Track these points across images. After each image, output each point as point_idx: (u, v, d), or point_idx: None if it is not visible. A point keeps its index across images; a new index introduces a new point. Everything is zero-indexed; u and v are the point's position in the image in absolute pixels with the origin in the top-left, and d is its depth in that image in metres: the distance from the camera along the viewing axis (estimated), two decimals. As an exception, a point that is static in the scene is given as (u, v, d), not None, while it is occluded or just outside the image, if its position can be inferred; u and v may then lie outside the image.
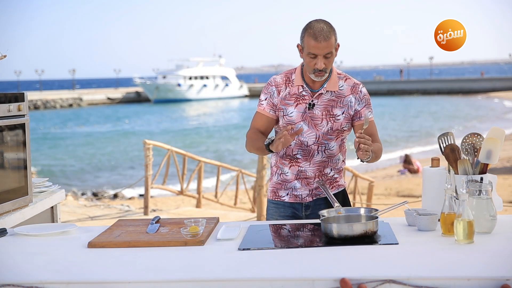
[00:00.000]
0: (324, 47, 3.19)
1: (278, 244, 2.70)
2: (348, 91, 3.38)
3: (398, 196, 14.00)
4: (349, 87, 3.39)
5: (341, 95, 3.36)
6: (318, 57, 3.22)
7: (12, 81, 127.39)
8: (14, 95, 3.52)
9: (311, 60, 3.24)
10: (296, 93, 3.36)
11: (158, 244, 2.72)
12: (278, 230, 2.97)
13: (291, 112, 3.35)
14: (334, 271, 2.26)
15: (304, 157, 3.37)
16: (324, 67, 3.24)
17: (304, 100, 3.35)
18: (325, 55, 3.21)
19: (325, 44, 3.19)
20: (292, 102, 3.36)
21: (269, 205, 3.52)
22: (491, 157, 2.86)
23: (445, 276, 2.17)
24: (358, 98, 3.38)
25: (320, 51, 3.20)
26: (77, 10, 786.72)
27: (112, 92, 71.33)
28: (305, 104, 3.34)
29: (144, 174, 10.83)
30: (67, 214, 9.71)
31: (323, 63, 3.23)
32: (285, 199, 3.45)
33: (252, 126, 3.47)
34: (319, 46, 3.19)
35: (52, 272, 2.36)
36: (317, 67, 3.23)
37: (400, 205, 3.05)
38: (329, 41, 3.19)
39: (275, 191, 3.48)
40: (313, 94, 3.35)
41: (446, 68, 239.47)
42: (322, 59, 3.22)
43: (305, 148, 3.36)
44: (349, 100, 3.37)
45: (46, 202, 3.79)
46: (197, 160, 11.64)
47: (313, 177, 3.39)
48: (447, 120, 40.91)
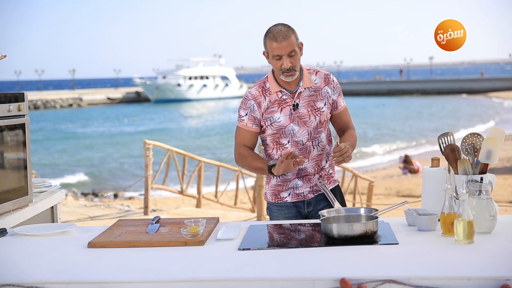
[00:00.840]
0: (285, 46, 3.31)
1: (278, 244, 2.70)
2: (322, 83, 3.49)
3: (398, 196, 14.00)
4: (322, 79, 3.50)
5: (317, 88, 3.48)
6: (282, 57, 3.33)
7: (12, 81, 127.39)
8: (14, 95, 3.52)
9: (277, 62, 3.36)
10: (277, 99, 3.44)
11: (158, 244, 2.72)
12: (278, 230, 2.97)
13: (278, 118, 3.42)
14: (334, 271, 2.26)
15: (303, 155, 3.44)
16: (290, 65, 3.34)
17: (286, 103, 3.43)
18: (289, 53, 3.33)
19: (286, 43, 3.30)
20: (276, 108, 3.43)
21: (272, 208, 3.54)
22: (491, 157, 2.86)
23: (445, 276, 2.18)
24: (333, 88, 3.51)
25: (283, 50, 3.31)
26: (77, 10, 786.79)
27: (112, 92, 71.34)
28: (289, 107, 3.43)
29: (144, 174, 10.83)
30: (67, 214, 9.71)
31: (289, 62, 3.34)
32: (287, 200, 3.48)
33: (238, 143, 3.53)
34: (280, 47, 3.31)
35: (52, 272, 2.36)
36: (284, 67, 3.34)
37: (400, 205, 3.06)
38: (289, 40, 3.31)
39: (276, 193, 3.51)
40: (293, 95, 3.44)
41: (446, 68, 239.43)
42: (287, 58, 3.33)
43: (302, 147, 3.44)
44: (326, 91, 3.48)
45: (46, 202, 3.79)
46: (197, 160, 11.64)
47: (313, 173, 3.47)
48: (447, 120, 40.91)
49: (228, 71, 73.73)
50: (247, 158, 3.48)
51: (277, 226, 3.04)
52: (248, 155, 3.49)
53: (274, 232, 2.94)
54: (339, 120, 3.55)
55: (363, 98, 61.43)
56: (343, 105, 3.55)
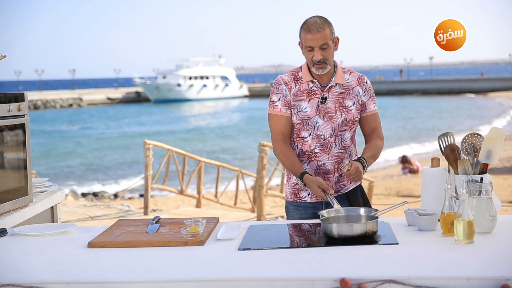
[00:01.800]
0: (318, 38, 3.30)
1: (278, 244, 2.70)
2: (354, 82, 3.48)
3: (398, 196, 13.99)
4: (355, 79, 3.49)
5: (349, 87, 3.46)
6: (314, 49, 3.32)
7: (12, 81, 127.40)
8: (14, 95, 3.52)
9: (309, 53, 3.35)
10: (306, 89, 3.43)
11: (158, 244, 2.72)
12: (278, 230, 2.97)
13: (305, 108, 3.41)
14: (334, 271, 2.26)
15: (323, 151, 3.42)
16: (321, 58, 3.33)
17: (315, 95, 3.42)
18: (321, 46, 3.32)
19: (319, 35, 3.30)
20: (305, 97, 3.43)
21: (289, 207, 3.53)
22: (491, 157, 2.86)
23: (445, 276, 2.18)
24: (364, 90, 3.49)
25: (315, 42, 3.31)
26: (77, 10, 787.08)
27: (112, 92, 71.32)
28: (317, 99, 3.42)
29: (144, 174, 10.83)
30: (67, 214, 9.71)
31: (321, 55, 3.32)
32: (306, 199, 3.47)
33: (275, 132, 3.47)
34: (313, 38, 3.30)
35: (52, 272, 2.36)
36: (315, 59, 3.33)
37: (400, 205, 3.05)
38: (322, 32, 3.30)
39: (296, 192, 3.49)
40: (323, 89, 3.42)
41: (446, 68, 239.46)
42: (319, 51, 3.32)
43: (323, 142, 3.42)
44: (357, 91, 3.47)
45: (46, 202, 3.79)
46: (197, 160, 11.63)
47: (332, 171, 3.44)
48: (447, 120, 40.91)
49: (228, 71, 73.71)
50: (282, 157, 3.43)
51: (277, 226, 3.04)
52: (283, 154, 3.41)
53: (274, 232, 2.94)
54: (367, 124, 3.49)
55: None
56: (373, 109, 3.50)
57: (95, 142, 34.34)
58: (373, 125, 3.50)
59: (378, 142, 3.48)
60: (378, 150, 3.46)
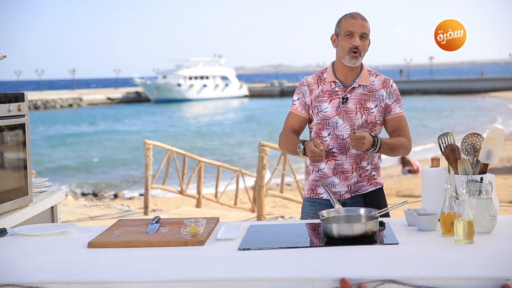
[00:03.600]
0: (361, 25, 3.37)
1: (278, 244, 2.69)
2: (379, 85, 3.48)
3: (398, 196, 13.99)
4: (380, 82, 3.48)
5: (373, 89, 3.46)
6: (354, 35, 3.37)
7: (12, 81, 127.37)
8: (14, 95, 3.52)
9: (348, 39, 3.38)
10: (329, 90, 3.46)
11: (158, 244, 2.72)
12: (278, 230, 2.97)
13: (325, 108, 3.43)
14: (334, 271, 2.26)
15: (340, 151, 3.42)
16: (359, 45, 3.36)
17: (337, 95, 3.44)
18: (361, 34, 3.37)
19: (362, 23, 3.38)
20: (326, 98, 3.45)
21: (305, 204, 3.56)
22: (491, 157, 2.86)
23: (445, 276, 2.17)
24: (389, 92, 3.48)
25: (357, 28, 3.37)
26: (77, 10, 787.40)
27: (112, 92, 71.31)
28: (339, 99, 3.43)
29: (144, 174, 10.83)
30: (67, 214, 9.71)
31: (359, 42, 3.36)
32: (323, 196, 3.47)
33: (286, 126, 3.56)
34: (356, 23, 3.37)
35: (52, 272, 2.36)
36: (354, 44, 3.36)
37: (400, 205, 3.05)
38: (364, 22, 3.39)
39: (313, 188, 3.52)
40: (345, 89, 3.44)
41: (446, 68, 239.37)
42: (358, 38, 3.37)
43: (341, 142, 3.42)
44: (380, 94, 3.46)
45: (46, 202, 3.79)
46: (197, 160, 11.63)
47: (350, 171, 3.43)
48: (447, 120, 40.90)
49: (228, 71, 73.73)
50: (285, 141, 3.50)
51: (277, 226, 3.04)
52: (286, 139, 3.49)
53: (274, 232, 2.94)
54: (392, 126, 3.45)
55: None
56: (399, 112, 3.45)
57: (95, 142, 34.33)
58: (398, 128, 3.45)
59: (403, 140, 3.44)
60: (400, 143, 3.41)
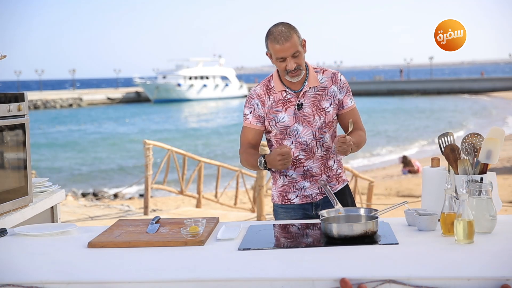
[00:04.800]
0: (288, 48, 3.25)
1: (278, 244, 2.69)
2: (329, 82, 3.43)
3: (398, 196, 14.00)
4: (329, 78, 3.44)
5: (323, 87, 3.42)
6: (287, 59, 3.27)
7: (12, 81, 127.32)
8: (14, 95, 3.52)
9: (282, 64, 3.30)
10: (281, 99, 3.40)
11: (158, 244, 2.72)
12: (278, 230, 2.97)
13: (282, 118, 3.38)
14: (334, 271, 2.26)
15: (307, 156, 3.40)
16: (296, 65, 3.28)
17: (291, 103, 3.39)
18: (293, 54, 3.27)
19: (289, 45, 3.24)
20: (280, 108, 3.39)
21: (278, 210, 3.50)
22: (491, 157, 2.86)
23: (445, 276, 2.17)
24: (339, 87, 3.44)
25: (286, 52, 3.25)
26: (77, 10, 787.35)
27: (112, 92, 71.32)
28: (293, 106, 3.38)
29: (144, 174, 10.82)
30: (67, 214, 9.71)
31: (294, 63, 3.28)
32: (295, 201, 3.44)
33: (243, 142, 3.50)
34: (283, 49, 3.24)
35: (52, 272, 2.36)
36: (289, 68, 3.28)
37: (400, 205, 3.05)
38: (291, 41, 3.24)
39: (284, 194, 3.47)
40: (297, 95, 3.39)
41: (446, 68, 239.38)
42: (291, 60, 3.27)
43: (306, 148, 3.39)
44: (332, 91, 3.42)
45: (46, 202, 3.79)
46: (197, 160, 11.63)
47: (319, 173, 3.42)
48: (447, 120, 40.90)
49: (228, 71, 73.72)
50: (245, 158, 3.44)
51: (277, 226, 3.04)
52: (245, 155, 3.44)
53: (274, 232, 2.94)
54: (346, 120, 3.44)
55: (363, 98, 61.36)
56: (351, 105, 3.46)
57: (95, 142, 34.34)
58: (353, 119, 3.43)
59: (360, 133, 3.45)
60: (362, 140, 3.43)
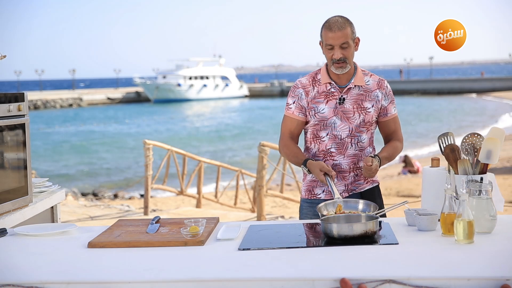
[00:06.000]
0: (339, 37, 3.32)
1: (278, 244, 2.69)
2: (374, 86, 3.49)
3: (398, 196, 13.99)
4: (375, 82, 3.50)
5: (368, 89, 3.47)
6: (335, 47, 3.34)
7: (12, 81, 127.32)
8: (14, 95, 3.52)
9: (329, 52, 3.37)
10: (324, 91, 3.45)
11: (158, 244, 2.72)
12: (278, 230, 2.97)
13: (322, 109, 3.43)
14: (334, 271, 2.26)
15: (338, 150, 3.44)
16: (341, 56, 3.34)
17: (333, 96, 3.44)
18: (341, 45, 3.34)
19: (340, 34, 3.32)
20: (322, 99, 3.44)
21: (303, 205, 3.56)
22: (491, 157, 2.86)
23: (445, 276, 2.18)
24: (384, 94, 3.51)
25: (336, 41, 3.33)
26: (77, 10, 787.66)
27: (112, 92, 71.32)
28: (335, 100, 3.43)
29: (144, 174, 10.82)
30: (67, 214, 9.71)
31: (341, 53, 3.34)
32: (321, 197, 3.48)
33: (283, 132, 3.55)
34: (334, 36, 3.32)
35: (52, 272, 2.36)
36: (334, 57, 3.35)
37: (400, 205, 3.06)
38: (343, 31, 3.32)
39: (310, 189, 3.52)
40: (341, 90, 3.44)
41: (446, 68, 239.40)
42: (339, 49, 3.34)
43: (339, 142, 3.44)
44: (376, 95, 3.48)
45: (46, 202, 3.79)
46: (197, 160, 11.63)
47: (348, 171, 3.45)
48: (447, 120, 40.89)
49: (228, 71, 73.72)
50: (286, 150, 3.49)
51: (277, 226, 3.04)
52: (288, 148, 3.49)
53: (274, 232, 2.94)
54: (387, 127, 3.56)
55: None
56: (394, 113, 3.55)
57: (95, 142, 34.32)
58: (392, 128, 3.56)
59: (397, 144, 3.54)
60: (396, 152, 3.51)
